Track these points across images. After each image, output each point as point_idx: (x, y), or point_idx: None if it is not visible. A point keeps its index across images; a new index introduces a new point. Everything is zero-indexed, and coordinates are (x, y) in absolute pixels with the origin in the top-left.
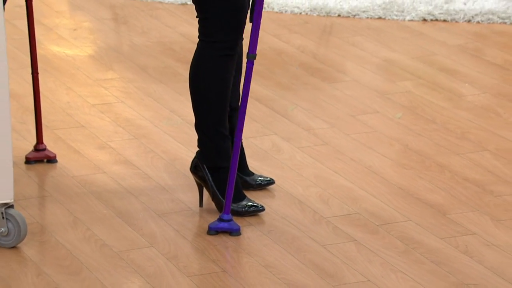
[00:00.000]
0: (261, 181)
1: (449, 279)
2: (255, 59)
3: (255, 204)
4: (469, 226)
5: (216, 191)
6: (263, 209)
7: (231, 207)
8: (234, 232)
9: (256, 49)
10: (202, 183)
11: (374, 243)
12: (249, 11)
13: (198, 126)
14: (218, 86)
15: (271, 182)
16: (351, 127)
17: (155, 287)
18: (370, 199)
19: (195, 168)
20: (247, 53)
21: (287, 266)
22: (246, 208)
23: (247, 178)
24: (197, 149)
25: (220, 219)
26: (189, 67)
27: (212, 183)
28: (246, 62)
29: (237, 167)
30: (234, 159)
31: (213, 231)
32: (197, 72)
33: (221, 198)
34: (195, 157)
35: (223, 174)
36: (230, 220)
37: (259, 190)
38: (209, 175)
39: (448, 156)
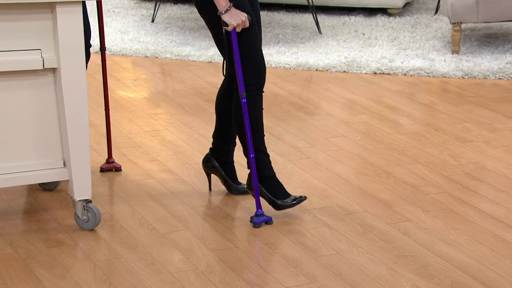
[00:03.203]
0: (244, 188)
1: (393, 252)
2: (245, 96)
3: (298, 197)
4: (407, 215)
5: (271, 196)
6: (305, 198)
7: (283, 204)
8: (270, 221)
9: (243, 89)
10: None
11: (342, 227)
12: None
13: (244, 151)
14: (253, 118)
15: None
16: (325, 146)
17: (189, 258)
18: (339, 196)
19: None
20: (239, 93)
21: (281, 243)
22: (292, 201)
23: (238, 186)
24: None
25: (257, 215)
26: (232, 108)
27: (265, 191)
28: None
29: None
30: (253, 169)
31: (257, 224)
32: (237, 110)
33: (274, 199)
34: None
35: (270, 182)
36: (263, 214)
37: (244, 194)
38: (261, 185)
39: (393, 166)
